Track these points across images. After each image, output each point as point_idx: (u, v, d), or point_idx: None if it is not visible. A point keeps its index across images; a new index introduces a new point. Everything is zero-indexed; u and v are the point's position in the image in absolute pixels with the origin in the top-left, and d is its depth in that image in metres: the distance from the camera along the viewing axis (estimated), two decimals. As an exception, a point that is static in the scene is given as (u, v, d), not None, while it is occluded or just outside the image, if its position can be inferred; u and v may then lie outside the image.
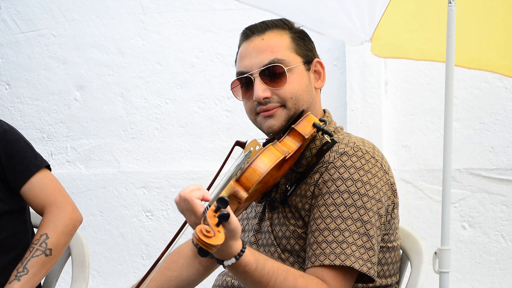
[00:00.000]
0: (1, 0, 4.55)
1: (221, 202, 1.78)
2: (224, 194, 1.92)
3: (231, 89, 2.31)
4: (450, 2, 2.43)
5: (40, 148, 4.49)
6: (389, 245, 2.27)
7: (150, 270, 2.05)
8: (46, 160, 2.78)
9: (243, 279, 2.01)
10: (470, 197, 4.01)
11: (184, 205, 1.89)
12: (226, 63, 4.31)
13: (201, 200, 1.89)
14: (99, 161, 4.48)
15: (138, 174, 4.42)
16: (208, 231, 1.73)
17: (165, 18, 4.38)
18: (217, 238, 1.74)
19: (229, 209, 1.82)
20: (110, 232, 4.45)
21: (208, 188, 2.06)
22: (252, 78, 2.24)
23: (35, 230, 2.79)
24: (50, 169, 2.78)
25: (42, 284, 2.83)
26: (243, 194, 1.99)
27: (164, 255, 2.03)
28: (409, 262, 2.46)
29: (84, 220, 2.78)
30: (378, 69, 4.06)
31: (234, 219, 1.85)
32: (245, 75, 2.26)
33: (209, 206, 1.82)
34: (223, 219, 1.77)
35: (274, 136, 2.30)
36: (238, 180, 2.00)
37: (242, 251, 1.93)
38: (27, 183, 2.70)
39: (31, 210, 2.83)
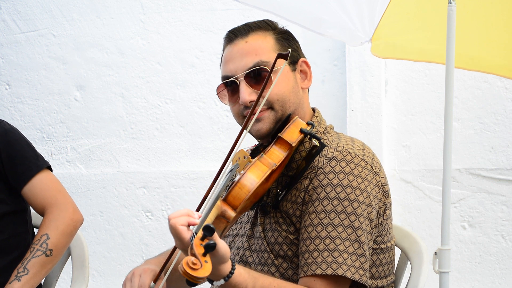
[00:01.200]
0: (1, 0, 4.55)
1: (207, 230, 1.75)
2: (212, 215, 1.89)
3: (217, 93, 2.30)
4: (450, 2, 2.43)
5: (40, 148, 4.49)
6: (382, 246, 2.25)
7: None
8: (47, 160, 2.79)
9: None
10: (470, 197, 4.01)
11: (171, 230, 1.88)
12: (226, 63, 4.31)
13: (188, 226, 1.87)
14: (99, 161, 4.48)
15: (138, 174, 4.42)
16: (194, 263, 1.70)
17: (165, 18, 4.38)
18: (204, 269, 1.71)
19: (215, 237, 1.79)
20: (110, 232, 4.45)
21: (208, 193, 2.05)
22: (238, 82, 2.23)
23: (36, 230, 2.78)
24: (51, 170, 2.78)
25: (42, 284, 2.83)
26: (231, 213, 1.97)
27: (165, 276, 2.04)
28: (409, 262, 2.46)
29: (84, 220, 2.78)
30: (378, 69, 4.06)
31: (221, 246, 1.84)
32: (230, 79, 2.25)
33: (196, 233, 1.79)
34: (209, 250, 1.74)
35: (262, 142, 2.29)
36: (225, 200, 1.97)
37: (231, 273, 1.93)
38: (28, 184, 2.70)
39: (31, 211, 2.84)
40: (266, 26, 2.30)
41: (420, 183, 4.07)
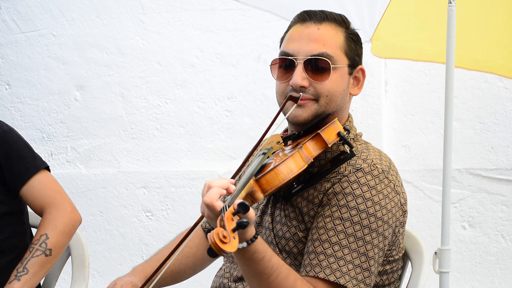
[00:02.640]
0: (1, 0, 4.55)
1: (242, 207, 1.74)
2: (243, 192, 1.89)
3: (271, 65, 2.28)
4: (450, 2, 2.44)
5: (40, 148, 4.49)
6: (390, 259, 2.26)
7: (169, 256, 2.05)
8: (46, 160, 2.78)
9: (247, 265, 1.99)
10: (470, 197, 4.01)
11: (205, 199, 1.87)
12: (226, 63, 4.31)
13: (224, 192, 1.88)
14: (99, 161, 4.48)
15: (138, 174, 4.42)
16: (225, 237, 1.69)
17: (165, 18, 4.39)
18: (231, 244, 1.71)
19: (248, 215, 1.80)
20: (110, 232, 4.45)
21: (240, 170, 2.04)
22: (296, 63, 2.21)
23: (34, 231, 2.78)
24: (49, 170, 2.77)
25: (41, 284, 2.83)
26: (260, 196, 1.96)
27: (181, 246, 2.02)
28: (409, 262, 2.46)
29: (84, 220, 2.78)
30: (378, 69, 4.06)
31: (251, 211, 1.84)
32: (289, 58, 2.22)
33: (228, 205, 1.78)
34: (240, 227, 1.73)
35: (293, 132, 2.29)
36: (257, 181, 1.96)
37: (255, 237, 1.92)
38: (26, 184, 2.69)
39: (29, 211, 2.83)
40: (341, 21, 2.28)
41: (420, 183, 4.07)
